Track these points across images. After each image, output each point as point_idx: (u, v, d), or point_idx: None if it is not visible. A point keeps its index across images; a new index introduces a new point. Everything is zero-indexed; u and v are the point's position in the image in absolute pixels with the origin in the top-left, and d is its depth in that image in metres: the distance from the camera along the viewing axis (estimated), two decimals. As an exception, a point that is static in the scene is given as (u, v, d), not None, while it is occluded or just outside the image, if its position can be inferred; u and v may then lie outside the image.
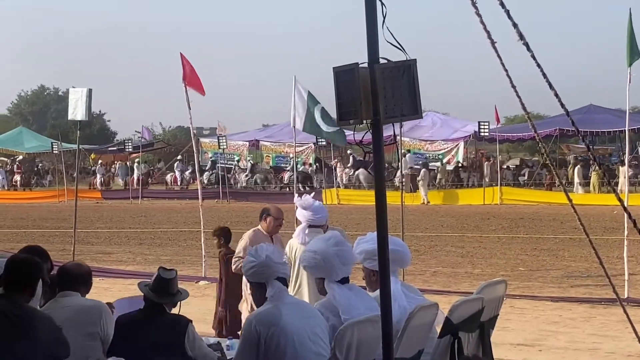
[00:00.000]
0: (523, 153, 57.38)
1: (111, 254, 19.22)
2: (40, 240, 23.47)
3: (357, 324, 5.27)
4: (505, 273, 15.32)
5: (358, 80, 4.17)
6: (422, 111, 4.39)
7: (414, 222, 25.09)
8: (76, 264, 6.44)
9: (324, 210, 8.26)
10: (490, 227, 25.08)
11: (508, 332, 10.32)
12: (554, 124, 35.97)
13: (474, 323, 6.09)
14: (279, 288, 5.33)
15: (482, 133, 35.99)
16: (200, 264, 15.82)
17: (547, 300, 12.91)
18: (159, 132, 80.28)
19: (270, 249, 5.51)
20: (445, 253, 19.15)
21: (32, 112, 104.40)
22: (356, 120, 4.26)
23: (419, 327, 5.54)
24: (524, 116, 7.57)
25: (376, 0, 4.19)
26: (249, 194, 41.14)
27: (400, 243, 6.37)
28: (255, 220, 9.03)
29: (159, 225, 27.62)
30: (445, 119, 44.51)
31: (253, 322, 5.23)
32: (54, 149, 45.74)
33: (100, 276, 14.33)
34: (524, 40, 5.42)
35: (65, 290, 5.89)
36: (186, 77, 16.03)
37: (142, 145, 48.29)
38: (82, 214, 25.04)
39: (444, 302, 7.73)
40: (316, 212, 8.14)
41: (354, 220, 26.75)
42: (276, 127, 48.93)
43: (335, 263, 5.69)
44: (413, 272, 15.01)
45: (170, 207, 36.77)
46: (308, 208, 8.14)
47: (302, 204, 8.18)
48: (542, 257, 18.12)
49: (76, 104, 14.52)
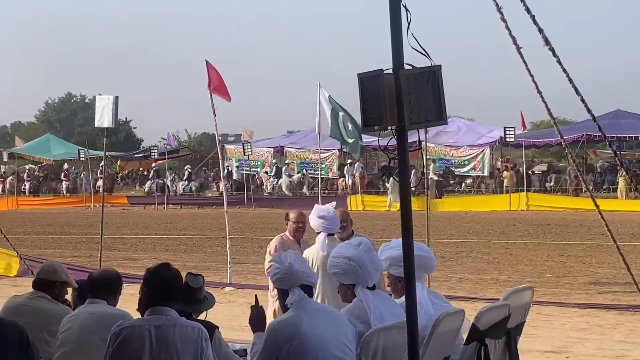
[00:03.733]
0: (550, 159, 57.03)
1: (137, 260, 19.30)
2: (68, 246, 23.70)
3: (383, 330, 5.26)
4: (531, 279, 15.22)
5: (383, 87, 4.17)
6: (447, 117, 4.38)
7: (439, 228, 25.01)
8: (104, 271, 6.51)
9: (337, 220, 8.28)
10: (517, 233, 24.94)
11: (535, 339, 10.25)
12: (581, 129, 35.77)
13: (500, 330, 6.05)
14: (299, 295, 5.32)
15: (508, 139, 35.83)
16: (226, 270, 15.85)
17: (575, 307, 12.80)
18: (184, 139, 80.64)
19: (294, 257, 5.52)
20: (471, 259, 19.06)
21: (59, 119, 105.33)
22: (381, 127, 4.26)
23: (445, 333, 5.52)
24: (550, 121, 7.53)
25: (401, 6, 4.19)
26: (273, 200, 41.23)
27: (425, 248, 6.34)
28: (280, 226, 9.05)
29: (185, 232, 27.74)
30: (470, 125, 44.33)
31: (274, 329, 5.24)
32: (80, 156, 46.11)
33: (127, 282, 14.35)
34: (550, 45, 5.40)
35: (92, 298, 5.95)
36: (211, 85, 16.11)
37: (168, 152, 48.55)
38: (109, 220, 25.20)
39: (470, 309, 7.70)
40: (331, 220, 8.15)
41: (379, 226, 26.71)
42: (301, 134, 49.01)
43: (370, 269, 5.69)
44: (439, 278, 14.96)
45: (196, 214, 36.94)
46: (324, 217, 8.14)
47: (318, 212, 8.18)
48: (569, 263, 17.99)
49: (103, 112, 14.64)
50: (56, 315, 6.12)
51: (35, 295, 6.30)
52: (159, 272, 5.02)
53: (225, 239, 16.45)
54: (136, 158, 54.98)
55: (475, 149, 40.36)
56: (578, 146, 35.54)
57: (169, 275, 5.01)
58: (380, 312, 5.55)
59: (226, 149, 46.89)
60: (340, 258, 5.81)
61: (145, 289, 4.96)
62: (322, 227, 8.10)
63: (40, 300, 6.25)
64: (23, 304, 6.23)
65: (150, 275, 4.98)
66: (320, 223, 8.13)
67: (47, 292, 6.31)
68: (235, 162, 46.94)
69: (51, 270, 6.39)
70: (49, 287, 6.32)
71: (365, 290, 5.68)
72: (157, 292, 4.94)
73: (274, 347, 5.16)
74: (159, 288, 4.94)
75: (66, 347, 5.72)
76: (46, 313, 6.18)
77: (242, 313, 11.73)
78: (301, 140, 46.66)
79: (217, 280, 15.59)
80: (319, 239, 8.13)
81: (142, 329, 4.80)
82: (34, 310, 6.16)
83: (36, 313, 6.14)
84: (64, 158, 52.62)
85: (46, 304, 6.24)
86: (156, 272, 5.01)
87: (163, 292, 4.94)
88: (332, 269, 5.89)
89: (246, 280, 15.98)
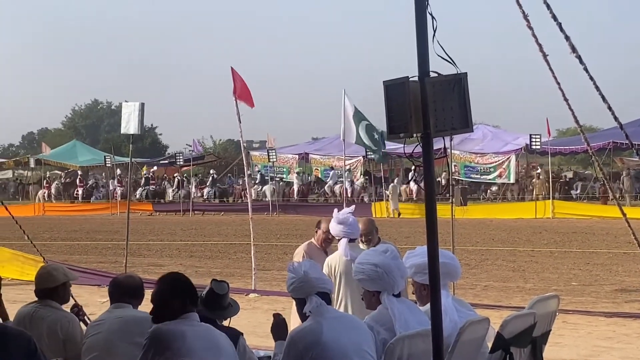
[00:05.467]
0: (575, 166, 56.70)
1: (162, 266, 19.38)
2: (94, 252, 23.86)
3: (408, 337, 5.24)
4: (557, 288, 15.12)
5: (408, 94, 4.17)
6: (473, 124, 4.37)
7: (464, 235, 24.92)
8: (128, 276, 6.54)
9: (357, 226, 8.26)
10: (543, 241, 24.80)
11: (561, 348, 10.18)
12: (607, 136, 35.53)
13: (526, 338, 6.02)
14: (317, 303, 5.30)
15: (533, 146, 35.68)
16: (250, 276, 15.87)
17: (601, 315, 12.70)
18: (209, 145, 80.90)
19: (309, 265, 5.51)
20: (497, 267, 18.97)
21: (85, 125, 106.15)
22: (406, 134, 4.26)
23: (470, 342, 5.49)
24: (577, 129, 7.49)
25: (427, 13, 4.19)
26: (299, 206, 41.30)
27: (450, 255, 6.32)
28: (305, 233, 9.03)
29: (210, 238, 27.83)
30: (496, 132, 44.17)
31: (295, 338, 5.23)
32: (106, 162, 46.44)
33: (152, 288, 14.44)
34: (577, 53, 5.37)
35: (118, 302, 5.99)
36: (236, 91, 16.19)
37: (193, 158, 48.76)
38: (134, 227, 25.32)
39: (495, 317, 7.66)
40: (351, 226, 8.14)
41: (403, 233, 26.66)
42: (326, 140, 49.07)
43: (397, 276, 5.68)
44: (464, 286, 14.90)
45: (220, 220, 37.04)
46: (343, 223, 8.13)
47: (338, 218, 8.17)
48: (595, 271, 17.86)
49: (129, 118, 14.72)
50: (60, 322, 6.17)
51: (40, 304, 6.30)
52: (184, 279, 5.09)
53: (250, 245, 16.49)
54: (161, 164, 55.23)
55: (501, 156, 40.19)
56: (605, 154, 35.30)
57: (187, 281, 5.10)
58: (405, 319, 5.53)
59: (251, 156, 47.04)
60: (366, 264, 5.80)
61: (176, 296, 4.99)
62: (343, 232, 8.08)
63: (44, 308, 6.25)
64: (28, 314, 6.24)
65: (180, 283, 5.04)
66: (340, 229, 8.11)
67: (52, 297, 6.30)
68: (262, 169, 47.05)
69: (47, 278, 6.34)
70: (53, 292, 6.32)
71: (391, 298, 5.67)
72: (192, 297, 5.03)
73: (295, 356, 5.16)
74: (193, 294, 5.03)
75: (95, 351, 5.76)
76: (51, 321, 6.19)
77: (266, 320, 11.70)
78: (326, 147, 46.72)
79: (242, 287, 15.63)
80: (340, 244, 8.12)
81: (192, 332, 4.85)
82: (38, 320, 6.17)
83: (41, 322, 6.16)
84: (90, 164, 53.02)
85: (49, 311, 6.23)
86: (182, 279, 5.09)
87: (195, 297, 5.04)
88: (358, 275, 5.87)
89: (271, 286, 16.00)
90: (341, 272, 7.78)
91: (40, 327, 6.09)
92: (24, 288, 15.39)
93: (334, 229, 8.16)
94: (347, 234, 8.07)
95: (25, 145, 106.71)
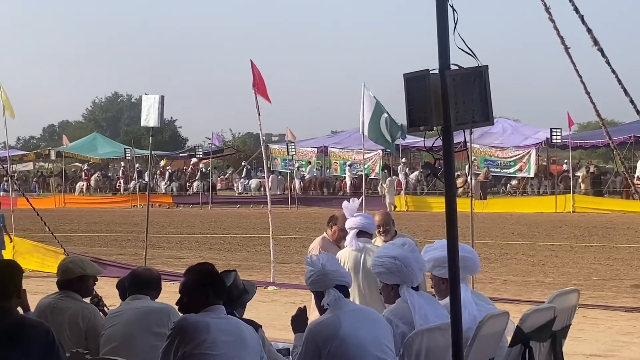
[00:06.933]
0: (597, 160, 56.32)
1: (182, 259, 19.45)
2: (114, 244, 23.98)
3: (427, 331, 5.23)
4: (577, 282, 15.06)
5: (429, 87, 4.16)
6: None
7: (484, 229, 24.84)
8: (146, 269, 6.58)
9: (372, 217, 8.24)
10: (563, 235, 24.67)
11: (580, 343, 10.14)
12: (629, 130, 35.27)
13: (545, 332, 6.00)
14: (334, 296, 5.30)
15: (554, 140, 35.48)
16: (269, 269, 15.91)
17: (621, 310, 12.63)
18: (228, 139, 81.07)
19: (326, 258, 5.51)
20: (516, 261, 18.90)
21: (105, 118, 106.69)
22: (427, 127, 4.24)
23: (489, 335, 5.48)
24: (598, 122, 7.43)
25: (447, 6, 4.17)
26: (317, 199, 41.30)
27: (469, 249, 6.30)
28: (324, 226, 9.03)
29: (229, 231, 27.90)
30: (516, 126, 43.95)
31: (313, 331, 5.23)
32: (126, 155, 46.62)
33: (171, 280, 14.50)
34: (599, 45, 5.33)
35: (136, 294, 6.03)
36: (256, 84, 16.18)
37: (212, 151, 48.84)
38: (154, 219, 25.45)
39: (515, 311, 7.63)
40: (366, 217, 8.12)
41: (422, 227, 26.62)
42: (345, 134, 48.97)
43: (415, 269, 5.68)
44: (483, 280, 14.86)
45: (239, 213, 37.11)
46: (355, 216, 8.11)
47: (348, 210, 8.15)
48: (615, 266, 17.75)
49: (149, 111, 14.76)
50: (82, 313, 6.20)
51: (61, 294, 6.33)
52: (212, 270, 5.12)
53: (269, 238, 16.51)
54: (181, 157, 55.37)
55: (521, 150, 39.99)
56: (626, 148, 35.04)
57: (218, 274, 5.14)
58: (424, 313, 5.53)
59: (270, 149, 47.07)
60: (385, 257, 5.78)
61: (199, 289, 5.01)
62: (362, 223, 8.07)
63: (66, 299, 6.28)
64: (50, 305, 6.28)
65: (205, 275, 5.06)
66: (357, 220, 8.09)
67: (74, 289, 6.34)
68: (281, 162, 47.14)
69: (70, 269, 6.39)
70: (75, 284, 6.35)
71: (411, 291, 5.66)
72: (217, 289, 5.04)
73: (314, 349, 5.15)
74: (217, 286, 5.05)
75: (113, 342, 5.80)
76: (73, 312, 6.22)
77: (285, 312, 11.77)
78: (345, 140, 46.65)
79: (261, 280, 15.65)
80: (349, 236, 8.08)
81: (216, 323, 4.88)
82: (59, 311, 6.21)
83: (62, 313, 6.19)
84: (111, 157, 53.23)
85: (70, 302, 6.27)
86: (209, 270, 5.11)
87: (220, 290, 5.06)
88: (377, 269, 5.86)
89: (289, 279, 16.02)
90: (349, 267, 7.73)
91: (61, 318, 6.13)
92: (44, 279, 15.51)
93: (352, 221, 8.14)
94: (366, 226, 8.06)
95: (46, 137, 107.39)
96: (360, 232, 8.00)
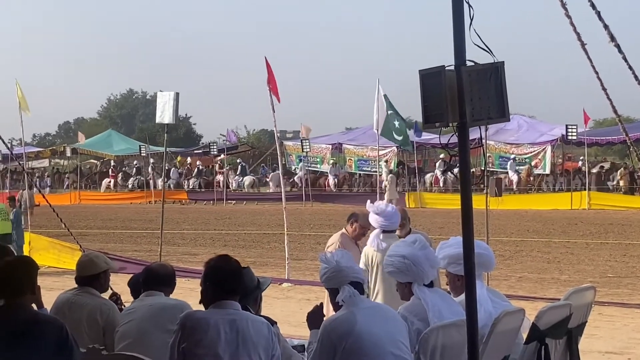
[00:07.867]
0: (612, 157, 56.07)
1: (197, 255, 19.51)
2: (129, 240, 24.07)
3: (442, 328, 5.23)
4: (593, 279, 14.99)
5: (444, 83, 4.14)
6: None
7: (499, 226, 24.78)
8: (161, 264, 6.58)
9: (397, 216, 8.24)
10: (578, 232, 24.58)
11: (596, 340, 10.10)
12: (645, 127, 35.11)
13: (561, 329, 5.98)
14: (349, 292, 5.28)
15: (569, 136, 35.35)
16: (284, 266, 15.92)
17: (637, 307, 12.59)
18: (243, 135, 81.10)
19: (340, 254, 5.50)
20: (531, 258, 18.84)
21: (120, 115, 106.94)
22: (442, 123, 4.23)
23: (504, 332, 5.47)
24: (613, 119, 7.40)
25: (463, 2, 4.15)
26: (334, 196, 41.29)
27: (484, 246, 6.28)
28: (338, 223, 9.02)
29: (243, 228, 27.94)
30: (531, 122, 43.81)
31: (328, 327, 5.22)
32: (141, 151, 46.74)
33: (186, 277, 14.56)
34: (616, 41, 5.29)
35: (150, 290, 6.03)
36: (270, 81, 16.20)
37: (227, 148, 48.90)
38: (169, 216, 25.49)
39: (530, 308, 7.60)
40: (389, 218, 8.12)
41: (437, 224, 26.57)
42: (359, 131, 48.90)
43: (426, 266, 5.67)
44: (498, 277, 14.82)
45: (254, 210, 37.16)
46: (381, 213, 8.12)
47: (375, 209, 8.17)
48: (632, 263, 17.67)
49: (164, 108, 14.79)
50: (100, 310, 6.21)
51: (80, 290, 6.34)
52: (222, 265, 5.08)
53: (284, 235, 16.53)
54: (196, 154, 55.47)
55: (537, 146, 39.86)
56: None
57: (234, 269, 5.08)
58: (439, 309, 5.52)
59: (285, 146, 47.09)
60: (395, 257, 5.81)
61: (207, 283, 5.01)
62: (382, 224, 8.09)
63: (84, 295, 6.29)
64: (68, 301, 6.29)
65: (214, 270, 5.03)
66: (378, 220, 8.11)
67: (93, 285, 6.35)
68: (296, 160, 47.14)
69: (89, 265, 6.39)
70: (93, 280, 6.36)
71: (423, 288, 5.66)
72: (224, 285, 4.99)
73: (329, 345, 5.15)
74: (224, 281, 5.00)
75: (128, 339, 5.81)
76: (92, 308, 6.22)
77: (299, 309, 11.79)
78: (359, 137, 46.59)
79: (275, 276, 15.66)
80: (372, 235, 8.11)
81: (216, 321, 4.86)
82: (77, 307, 6.22)
83: (80, 309, 6.20)
84: (126, 154, 53.40)
85: (89, 298, 6.28)
86: (219, 266, 5.06)
87: (229, 285, 5.01)
88: (388, 268, 5.88)
89: (304, 276, 16.05)
90: (378, 262, 7.79)
91: (80, 314, 6.15)
92: (60, 276, 15.60)
93: (374, 220, 8.15)
94: (388, 225, 8.08)
95: (62, 134, 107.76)
96: (385, 231, 8.05)
